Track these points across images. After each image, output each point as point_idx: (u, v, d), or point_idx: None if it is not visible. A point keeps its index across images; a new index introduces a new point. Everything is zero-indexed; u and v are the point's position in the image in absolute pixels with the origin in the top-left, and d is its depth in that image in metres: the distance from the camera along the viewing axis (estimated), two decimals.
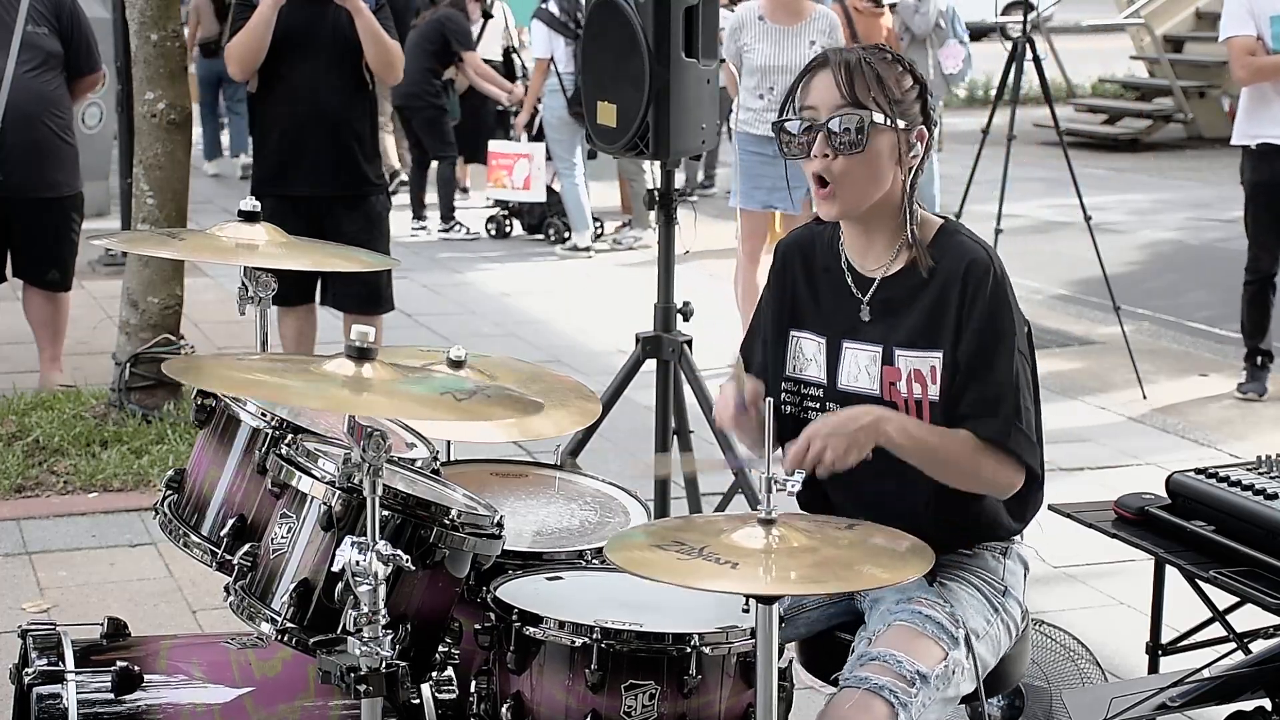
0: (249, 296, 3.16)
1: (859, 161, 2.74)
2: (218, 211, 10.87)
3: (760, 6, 7.04)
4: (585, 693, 2.50)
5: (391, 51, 5.96)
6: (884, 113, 2.73)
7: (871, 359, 2.84)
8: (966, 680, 2.74)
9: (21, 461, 5.69)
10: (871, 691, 2.60)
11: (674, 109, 4.58)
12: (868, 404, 2.79)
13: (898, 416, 2.73)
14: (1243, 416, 6.85)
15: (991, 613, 2.84)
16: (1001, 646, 2.86)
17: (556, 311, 8.78)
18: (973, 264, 2.76)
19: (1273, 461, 3.45)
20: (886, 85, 2.74)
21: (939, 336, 2.77)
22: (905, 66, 2.82)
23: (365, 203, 6.05)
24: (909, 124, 2.78)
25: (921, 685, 2.63)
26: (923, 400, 2.79)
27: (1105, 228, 8.69)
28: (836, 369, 2.87)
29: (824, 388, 2.89)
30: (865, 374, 2.85)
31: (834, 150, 2.74)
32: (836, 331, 2.88)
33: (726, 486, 5.06)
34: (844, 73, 2.74)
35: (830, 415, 2.74)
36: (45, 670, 2.63)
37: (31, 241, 6.69)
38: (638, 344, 4.93)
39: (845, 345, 2.87)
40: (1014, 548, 2.94)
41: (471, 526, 2.57)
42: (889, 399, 2.81)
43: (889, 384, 2.81)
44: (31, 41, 6.38)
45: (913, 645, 2.68)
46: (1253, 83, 6.82)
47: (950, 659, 2.70)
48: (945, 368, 2.77)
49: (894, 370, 2.81)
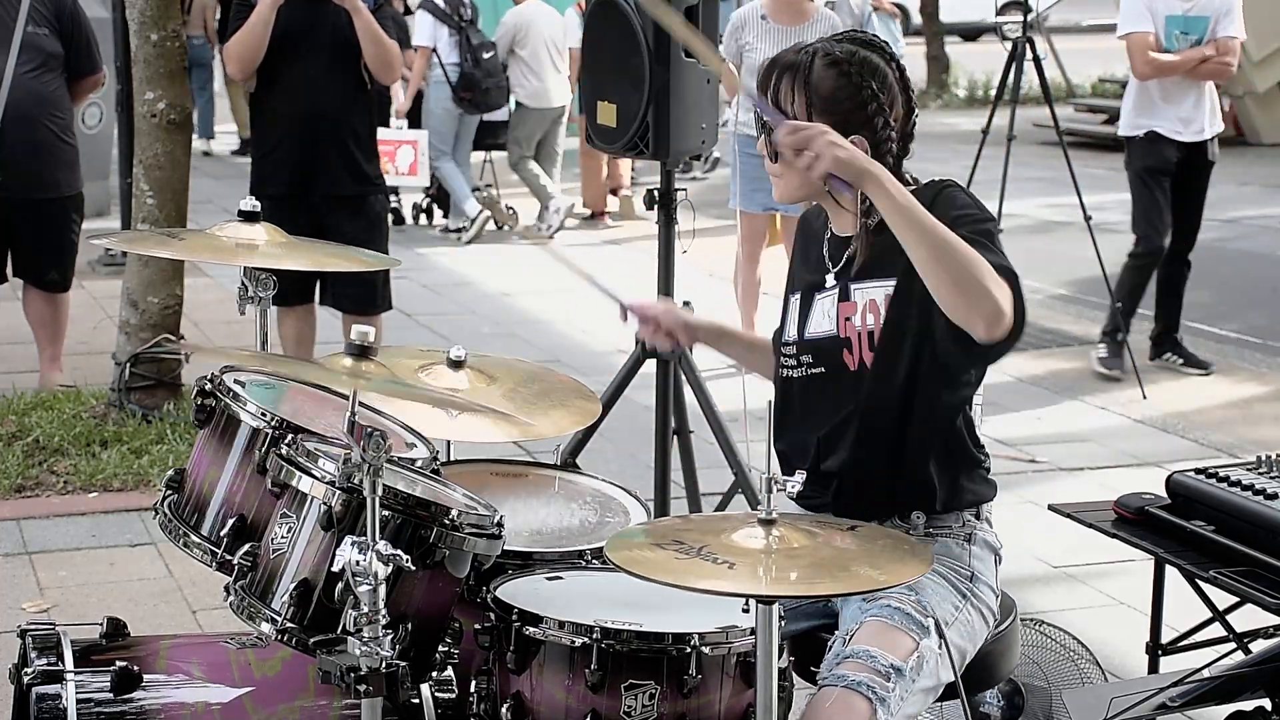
0: (249, 296, 3.17)
1: (782, 167, 2.82)
2: (218, 211, 10.86)
3: (762, 6, 7.04)
4: (585, 692, 2.50)
5: (390, 52, 5.96)
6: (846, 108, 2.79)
7: (831, 301, 2.89)
8: (944, 668, 2.74)
9: (21, 461, 5.69)
10: (850, 689, 2.61)
11: (674, 109, 4.58)
12: (829, 344, 2.87)
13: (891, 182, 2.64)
14: (1243, 416, 6.85)
15: (960, 599, 2.84)
16: (977, 634, 2.86)
17: (556, 311, 8.77)
18: (940, 190, 2.79)
19: (1273, 461, 3.45)
20: (813, 94, 2.79)
21: (892, 263, 2.75)
22: (845, 69, 2.81)
23: (364, 203, 6.06)
24: (877, 108, 2.80)
25: (897, 678, 2.64)
26: (875, 331, 2.82)
27: (1105, 228, 8.66)
28: (806, 322, 2.94)
29: (795, 343, 2.95)
30: (826, 317, 2.90)
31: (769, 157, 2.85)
32: (811, 287, 2.95)
33: (727, 486, 5.06)
34: (777, 78, 2.85)
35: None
36: (45, 670, 2.63)
37: (31, 242, 6.69)
38: (638, 344, 4.92)
39: (815, 298, 2.94)
40: (978, 534, 2.93)
41: (471, 526, 2.57)
42: (844, 335, 2.85)
43: (844, 319, 2.86)
44: (32, 42, 6.38)
45: (884, 639, 2.69)
46: (1153, 78, 7.18)
47: (921, 648, 2.70)
48: (897, 293, 2.78)
49: (850, 305, 2.86)
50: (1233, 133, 16.03)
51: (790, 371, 2.97)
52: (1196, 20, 7.11)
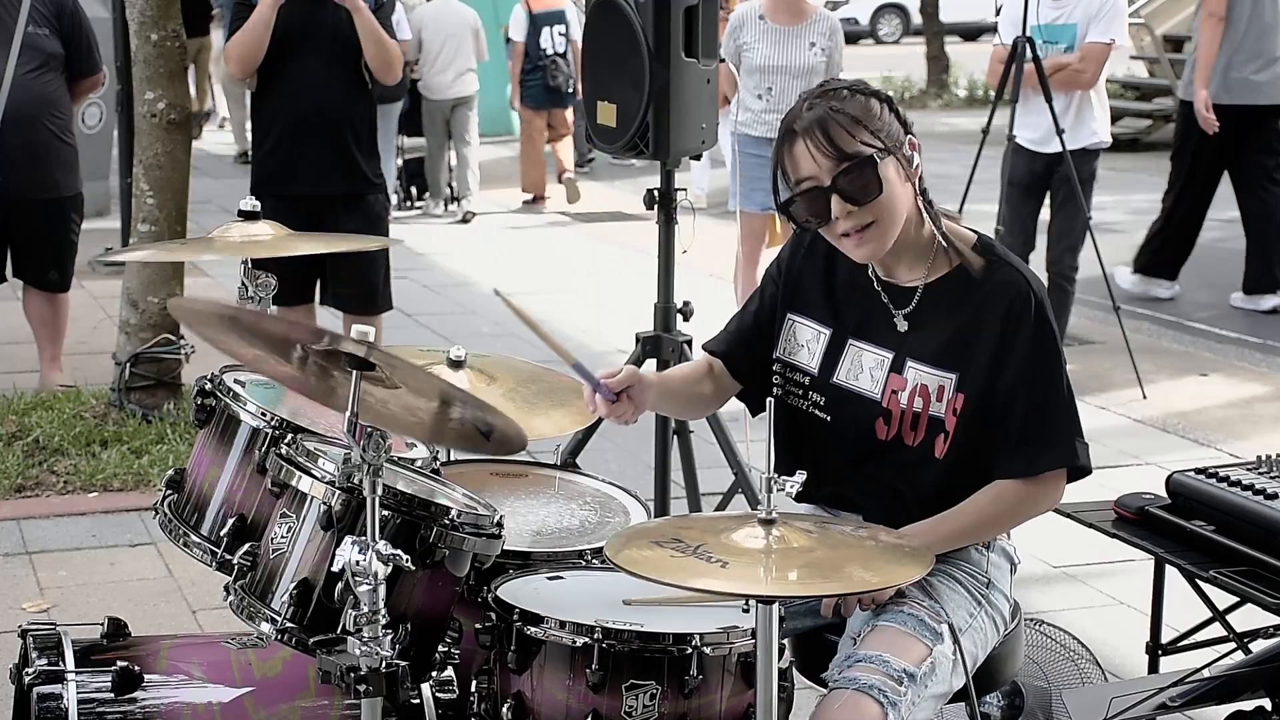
0: (248, 296, 3.17)
1: (879, 202, 2.74)
2: (217, 211, 10.87)
3: (761, 6, 7.03)
4: (586, 692, 2.50)
5: (391, 51, 5.96)
6: (875, 148, 2.72)
7: (879, 362, 2.84)
8: (955, 675, 2.75)
9: (21, 461, 5.69)
10: (861, 691, 2.61)
11: (674, 109, 4.58)
12: (863, 405, 2.82)
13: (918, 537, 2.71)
14: (1243, 416, 6.85)
15: (975, 606, 2.85)
16: (989, 640, 2.87)
17: (557, 311, 8.77)
18: (1016, 298, 2.77)
19: (1273, 461, 3.45)
20: (861, 121, 2.73)
21: (962, 359, 2.77)
22: (859, 90, 2.79)
23: (364, 202, 6.06)
24: (898, 142, 2.77)
25: (909, 684, 2.64)
26: (921, 414, 2.79)
27: (1105, 228, 8.68)
28: (835, 363, 2.89)
29: (812, 377, 2.91)
30: (869, 375, 2.85)
31: (853, 203, 2.73)
32: (847, 327, 2.89)
33: (727, 486, 5.06)
34: (820, 132, 2.72)
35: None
36: (45, 670, 2.64)
37: (31, 242, 6.69)
38: (638, 344, 4.92)
39: (851, 342, 2.88)
40: (997, 542, 2.94)
41: (471, 526, 2.57)
42: (886, 405, 2.82)
43: (891, 391, 2.82)
44: (32, 43, 6.38)
45: (897, 644, 2.69)
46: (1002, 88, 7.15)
47: (934, 654, 2.70)
48: (965, 394, 2.77)
49: (900, 379, 2.82)
50: None
51: (789, 398, 2.94)
52: (1062, 29, 6.96)
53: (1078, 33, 6.97)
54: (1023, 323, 2.75)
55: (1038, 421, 2.76)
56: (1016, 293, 2.77)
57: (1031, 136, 7.07)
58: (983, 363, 2.76)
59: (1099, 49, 6.95)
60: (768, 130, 6.95)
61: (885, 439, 2.83)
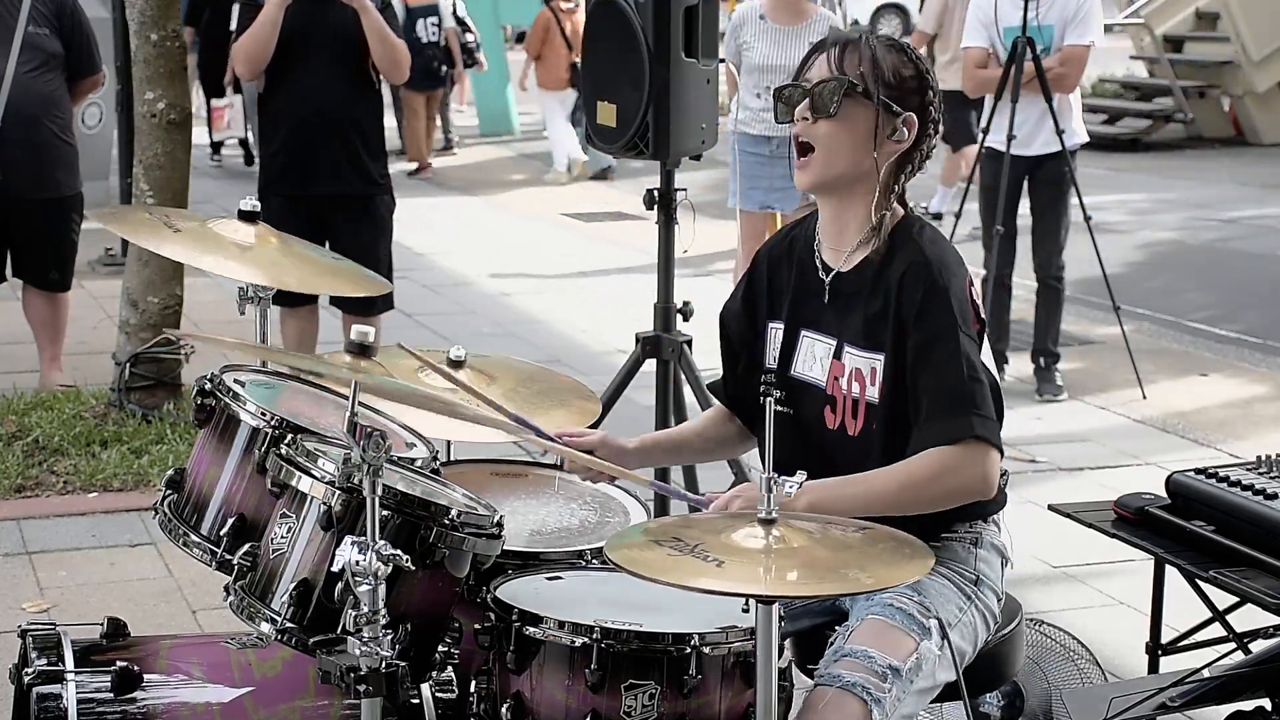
0: (249, 296, 3.17)
1: (835, 128, 2.79)
2: (217, 211, 10.83)
3: (761, 5, 7.04)
4: (585, 692, 2.50)
5: (398, 50, 5.96)
6: (866, 87, 2.78)
7: (826, 351, 2.88)
8: (943, 669, 2.74)
9: (21, 461, 5.69)
10: (844, 689, 2.60)
11: (674, 109, 4.58)
12: (812, 393, 2.85)
13: (815, 491, 2.68)
14: (1243, 416, 6.85)
15: (964, 601, 2.84)
16: (979, 636, 2.86)
17: (556, 311, 8.78)
18: (911, 266, 2.78)
19: (1273, 461, 3.45)
20: (879, 65, 2.80)
21: (881, 339, 2.80)
22: (910, 57, 2.85)
23: (369, 203, 6.06)
24: (897, 108, 2.80)
25: (894, 679, 2.64)
26: (859, 400, 2.81)
27: (1105, 228, 8.69)
28: (792, 355, 2.92)
29: (773, 371, 2.93)
30: (819, 364, 2.89)
31: (813, 114, 2.81)
32: (798, 319, 2.93)
33: (726, 487, 5.05)
34: (839, 48, 2.83)
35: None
36: (45, 670, 2.63)
37: (31, 242, 6.70)
38: (638, 344, 4.93)
39: (804, 334, 2.92)
40: (985, 536, 2.92)
41: (471, 526, 2.57)
42: (831, 392, 2.85)
43: (833, 378, 2.85)
44: (32, 42, 6.39)
45: (883, 639, 2.69)
46: (979, 93, 7.25)
47: (921, 649, 2.70)
48: (885, 371, 2.78)
49: (840, 365, 2.85)
50: (1232, 133, 16.08)
51: (764, 397, 2.95)
52: (1038, 31, 6.80)
53: (1054, 35, 6.88)
54: (913, 296, 2.75)
55: (934, 399, 2.71)
56: (911, 262, 2.78)
57: (1003, 138, 6.91)
58: (891, 341, 2.77)
59: (1079, 52, 6.89)
60: (767, 129, 6.96)
61: (833, 429, 2.85)
